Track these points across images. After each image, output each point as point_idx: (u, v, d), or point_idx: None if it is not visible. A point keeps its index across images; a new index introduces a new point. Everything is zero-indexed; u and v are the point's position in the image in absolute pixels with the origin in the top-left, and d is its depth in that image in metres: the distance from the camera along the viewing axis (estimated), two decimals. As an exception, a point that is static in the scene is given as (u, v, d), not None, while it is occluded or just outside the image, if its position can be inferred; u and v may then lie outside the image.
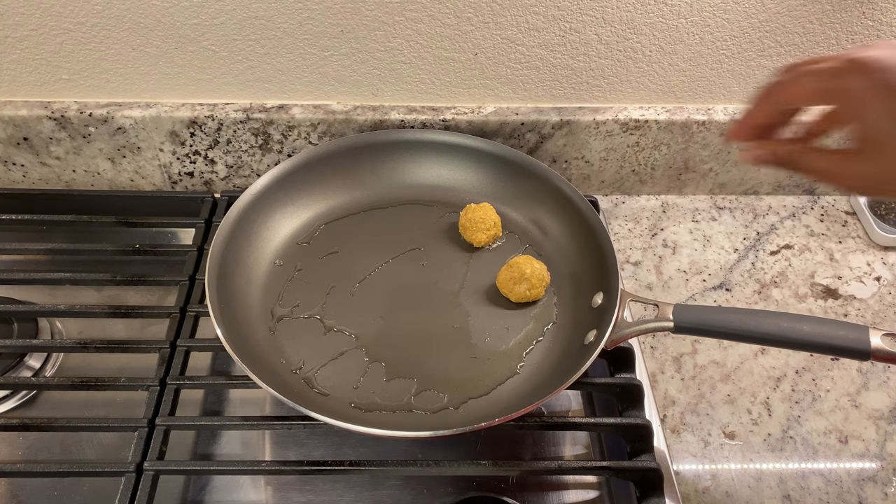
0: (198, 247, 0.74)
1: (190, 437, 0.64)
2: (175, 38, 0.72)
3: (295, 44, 0.73)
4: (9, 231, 0.80)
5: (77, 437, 0.64)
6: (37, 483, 0.61)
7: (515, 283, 0.68)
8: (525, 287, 0.68)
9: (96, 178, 0.83)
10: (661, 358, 0.72)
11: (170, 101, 0.78)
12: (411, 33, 0.73)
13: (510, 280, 0.68)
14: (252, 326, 0.66)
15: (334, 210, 0.77)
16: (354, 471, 0.58)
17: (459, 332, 0.68)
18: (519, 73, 0.78)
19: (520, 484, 0.62)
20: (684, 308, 0.59)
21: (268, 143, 0.80)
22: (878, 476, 0.64)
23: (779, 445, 0.66)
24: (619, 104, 0.81)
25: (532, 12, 0.72)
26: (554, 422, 0.63)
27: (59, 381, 0.63)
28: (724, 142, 0.83)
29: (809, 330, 0.55)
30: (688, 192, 0.90)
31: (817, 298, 0.79)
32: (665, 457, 0.63)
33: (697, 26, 0.74)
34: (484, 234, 0.73)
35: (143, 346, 0.65)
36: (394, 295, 0.70)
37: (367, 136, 0.78)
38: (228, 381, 0.64)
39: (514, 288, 0.68)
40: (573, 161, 0.85)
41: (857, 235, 0.86)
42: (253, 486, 0.61)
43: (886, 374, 0.72)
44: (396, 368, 0.64)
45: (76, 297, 0.74)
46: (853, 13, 0.74)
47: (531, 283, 0.68)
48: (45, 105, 0.76)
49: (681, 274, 0.81)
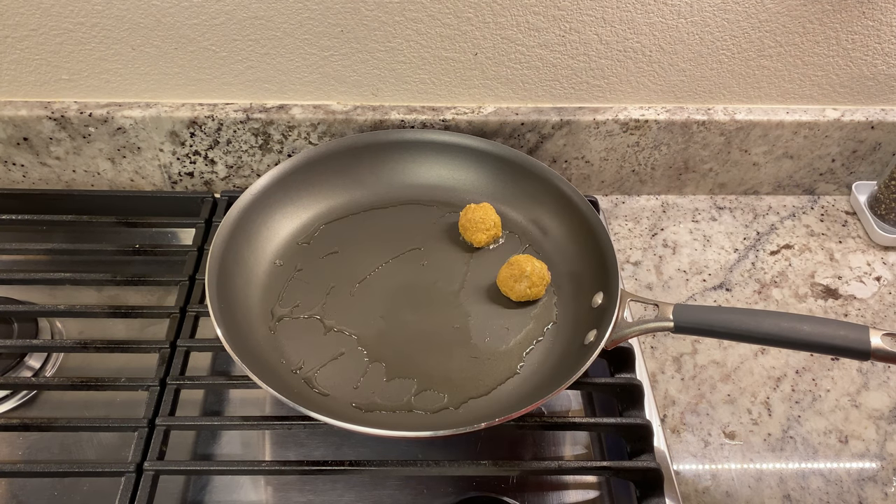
0: (198, 247, 0.74)
1: (190, 437, 0.64)
2: (175, 38, 0.72)
3: (295, 44, 0.73)
4: (9, 231, 0.80)
5: (77, 437, 0.64)
6: (37, 483, 0.61)
7: (516, 281, 0.68)
8: (526, 285, 0.68)
9: (96, 178, 0.83)
10: (661, 358, 0.72)
11: (170, 101, 0.78)
12: (411, 33, 0.73)
13: (510, 278, 0.68)
14: (252, 326, 0.66)
15: (334, 210, 0.77)
16: (354, 471, 0.58)
17: (459, 332, 0.68)
18: (519, 73, 0.78)
19: (520, 484, 0.62)
20: (684, 308, 0.59)
21: (268, 143, 0.80)
22: (878, 476, 0.64)
23: (779, 445, 0.66)
24: (619, 104, 0.81)
25: (532, 12, 0.72)
26: (554, 422, 0.63)
27: (59, 381, 0.63)
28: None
29: (809, 330, 0.55)
30: (688, 192, 0.90)
31: (817, 298, 0.79)
32: (665, 457, 0.63)
33: (697, 26, 0.74)
34: (484, 234, 0.73)
35: (143, 346, 0.65)
36: (394, 295, 0.70)
37: (367, 136, 0.78)
38: (228, 381, 0.64)
39: (515, 286, 0.68)
40: (573, 161, 0.85)
41: (857, 235, 0.86)
42: (253, 486, 0.61)
43: (886, 374, 0.72)
44: (396, 368, 0.64)
45: (76, 297, 0.74)
46: (853, 13, 0.74)
47: (532, 280, 0.68)
48: (45, 105, 0.76)
49: (681, 274, 0.81)
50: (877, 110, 0.83)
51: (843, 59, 0.78)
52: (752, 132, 0.83)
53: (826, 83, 0.81)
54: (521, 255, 0.70)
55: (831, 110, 0.83)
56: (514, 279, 0.68)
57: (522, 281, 0.68)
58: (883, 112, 0.83)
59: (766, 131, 0.83)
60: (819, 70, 0.79)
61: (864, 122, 0.82)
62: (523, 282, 0.68)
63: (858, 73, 0.80)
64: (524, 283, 0.68)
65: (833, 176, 0.89)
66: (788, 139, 0.84)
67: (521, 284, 0.68)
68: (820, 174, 0.88)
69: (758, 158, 0.86)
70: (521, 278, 0.68)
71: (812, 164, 0.87)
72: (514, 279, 0.68)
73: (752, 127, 0.82)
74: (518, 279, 0.68)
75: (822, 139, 0.84)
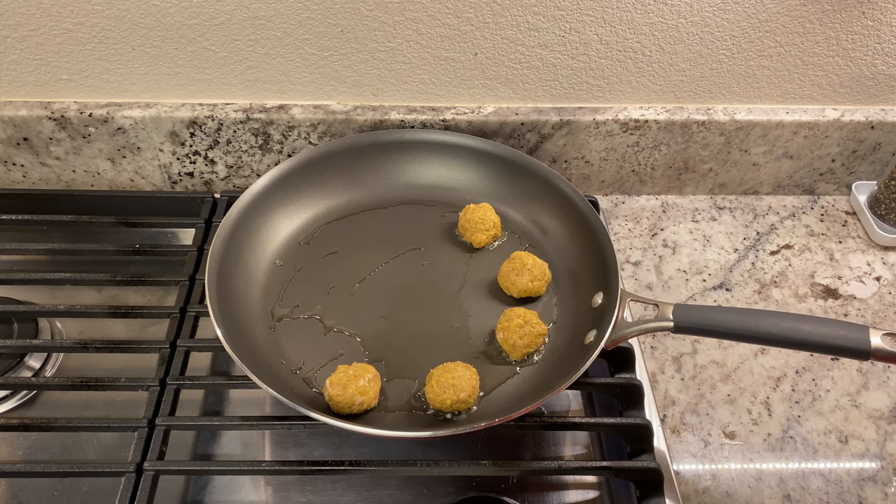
0: (198, 247, 0.74)
1: (190, 438, 0.64)
2: (175, 38, 0.72)
3: (295, 44, 0.73)
4: (9, 231, 0.80)
5: (77, 437, 0.64)
6: (37, 483, 0.61)
7: (518, 275, 0.68)
8: (528, 278, 0.68)
9: (96, 179, 0.83)
10: (661, 358, 0.72)
11: (170, 101, 0.78)
12: (411, 33, 0.73)
13: (512, 271, 0.68)
14: (252, 326, 0.66)
15: (334, 210, 0.77)
16: (354, 471, 0.58)
17: (459, 332, 0.68)
18: (519, 73, 0.78)
19: (520, 484, 0.62)
20: (684, 308, 0.59)
21: (268, 143, 0.80)
22: (878, 476, 0.64)
23: (779, 445, 0.66)
24: (619, 104, 0.81)
25: (532, 12, 0.72)
26: (554, 422, 0.63)
27: (59, 381, 0.63)
28: None
29: (809, 330, 0.55)
30: (688, 192, 0.90)
31: (817, 298, 0.79)
32: (665, 457, 0.63)
33: (697, 26, 0.74)
34: (483, 234, 0.73)
35: (143, 346, 0.65)
36: (394, 295, 0.70)
37: (367, 136, 0.78)
38: (228, 381, 0.64)
39: (517, 280, 0.68)
40: (573, 161, 0.85)
41: (857, 235, 0.86)
42: (253, 486, 0.61)
43: (886, 374, 0.72)
44: (396, 368, 0.64)
45: (76, 297, 0.74)
46: (853, 13, 0.74)
47: (533, 273, 0.68)
48: (45, 105, 0.76)
49: (681, 274, 0.81)
50: (877, 110, 0.83)
51: (843, 59, 0.78)
52: (751, 132, 0.83)
53: (826, 83, 0.81)
54: (523, 251, 0.70)
55: (831, 110, 0.83)
56: (516, 273, 0.68)
57: (524, 274, 0.68)
58: (883, 112, 0.83)
59: (766, 131, 0.83)
60: (819, 70, 0.79)
61: (864, 122, 0.82)
62: (525, 275, 0.68)
63: (858, 73, 0.80)
64: (526, 277, 0.68)
65: (833, 176, 0.89)
66: (788, 139, 0.84)
67: (522, 278, 0.68)
68: (820, 174, 0.88)
69: (758, 158, 0.86)
70: (522, 272, 0.68)
71: (812, 164, 0.87)
72: (516, 273, 0.68)
73: (751, 127, 0.82)
74: (520, 272, 0.68)
75: (822, 139, 0.84)
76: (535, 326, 0.63)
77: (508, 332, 0.64)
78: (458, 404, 0.59)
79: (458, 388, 0.58)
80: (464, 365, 0.60)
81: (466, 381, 0.59)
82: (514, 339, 0.63)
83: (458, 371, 0.59)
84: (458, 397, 0.58)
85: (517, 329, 0.63)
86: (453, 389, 0.58)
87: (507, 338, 0.64)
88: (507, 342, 0.64)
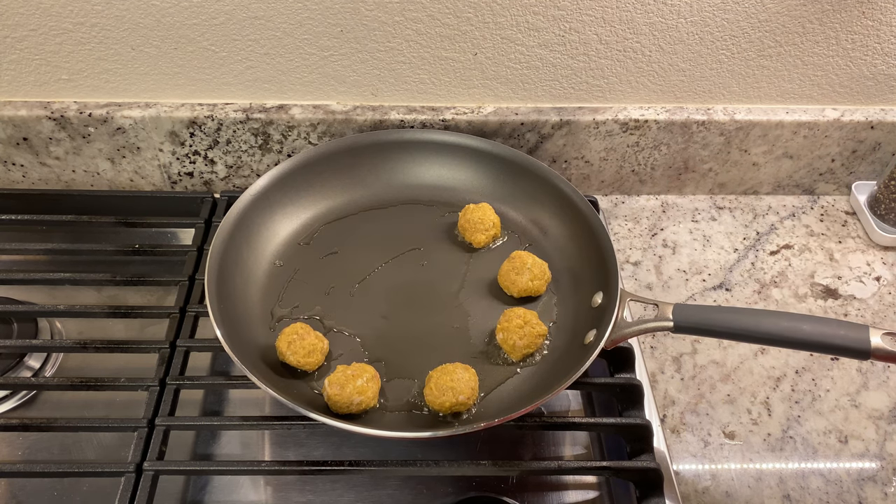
0: (198, 247, 0.74)
1: (190, 438, 0.64)
2: (175, 38, 0.72)
3: (295, 44, 0.73)
4: (9, 231, 0.80)
5: (77, 437, 0.64)
6: (37, 483, 0.61)
7: (518, 274, 0.68)
8: (528, 277, 0.68)
9: (96, 179, 0.83)
10: (661, 358, 0.72)
11: (169, 101, 0.78)
12: (411, 33, 0.73)
13: (512, 270, 0.68)
14: (252, 327, 0.66)
15: (334, 210, 0.77)
16: (354, 471, 0.58)
17: (459, 332, 0.68)
18: (519, 73, 0.78)
19: (520, 484, 0.62)
20: (684, 308, 0.59)
21: (268, 143, 0.80)
22: (878, 476, 0.64)
23: (779, 445, 0.66)
24: (619, 104, 0.81)
25: (532, 12, 0.72)
26: (554, 422, 0.63)
27: (59, 381, 0.63)
28: None
29: (809, 329, 0.55)
30: (687, 191, 0.90)
31: (817, 298, 0.79)
32: (665, 457, 0.63)
33: (697, 26, 0.74)
34: (483, 234, 0.73)
35: (142, 346, 0.65)
36: (394, 295, 0.70)
37: (367, 136, 0.78)
38: (228, 382, 0.64)
39: (517, 279, 0.68)
40: (573, 161, 0.85)
41: (857, 235, 0.86)
42: (253, 486, 0.61)
43: (886, 374, 0.72)
44: (396, 368, 0.64)
45: (76, 297, 0.74)
46: (853, 13, 0.74)
47: (533, 272, 0.68)
48: (44, 105, 0.76)
49: (681, 274, 0.81)
50: (877, 110, 0.83)
51: (843, 59, 0.78)
52: (751, 132, 0.83)
53: (826, 83, 0.81)
54: (523, 251, 0.70)
55: (831, 110, 0.83)
56: (516, 272, 0.68)
57: (524, 273, 0.68)
58: (883, 112, 0.83)
59: (766, 131, 0.83)
60: (819, 70, 0.79)
61: (864, 122, 0.82)
62: (525, 274, 0.68)
63: (858, 73, 0.80)
64: (526, 276, 0.68)
65: (833, 176, 0.89)
66: (788, 139, 0.84)
67: (522, 277, 0.68)
68: (820, 174, 0.88)
69: (757, 158, 0.86)
70: (522, 271, 0.68)
71: (812, 164, 0.87)
72: (516, 272, 0.68)
73: (751, 127, 0.82)
74: (520, 271, 0.68)
75: (821, 139, 0.84)
76: (534, 327, 0.63)
77: (508, 332, 0.64)
78: (457, 406, 0.59)
79: (456, 390, 0.58)
80: (463, 366, 0.60)
81: (465, 383, 0.59)
82: (514, 339, 0.63)
83: (456, 373, 0.59)
84: (457, 400, 0.58)
85: (517, 329, 0.63)
86: (452, 392, 0.58)
87: (506, 338, 0.64)
88: (507, 342, 0.64)
